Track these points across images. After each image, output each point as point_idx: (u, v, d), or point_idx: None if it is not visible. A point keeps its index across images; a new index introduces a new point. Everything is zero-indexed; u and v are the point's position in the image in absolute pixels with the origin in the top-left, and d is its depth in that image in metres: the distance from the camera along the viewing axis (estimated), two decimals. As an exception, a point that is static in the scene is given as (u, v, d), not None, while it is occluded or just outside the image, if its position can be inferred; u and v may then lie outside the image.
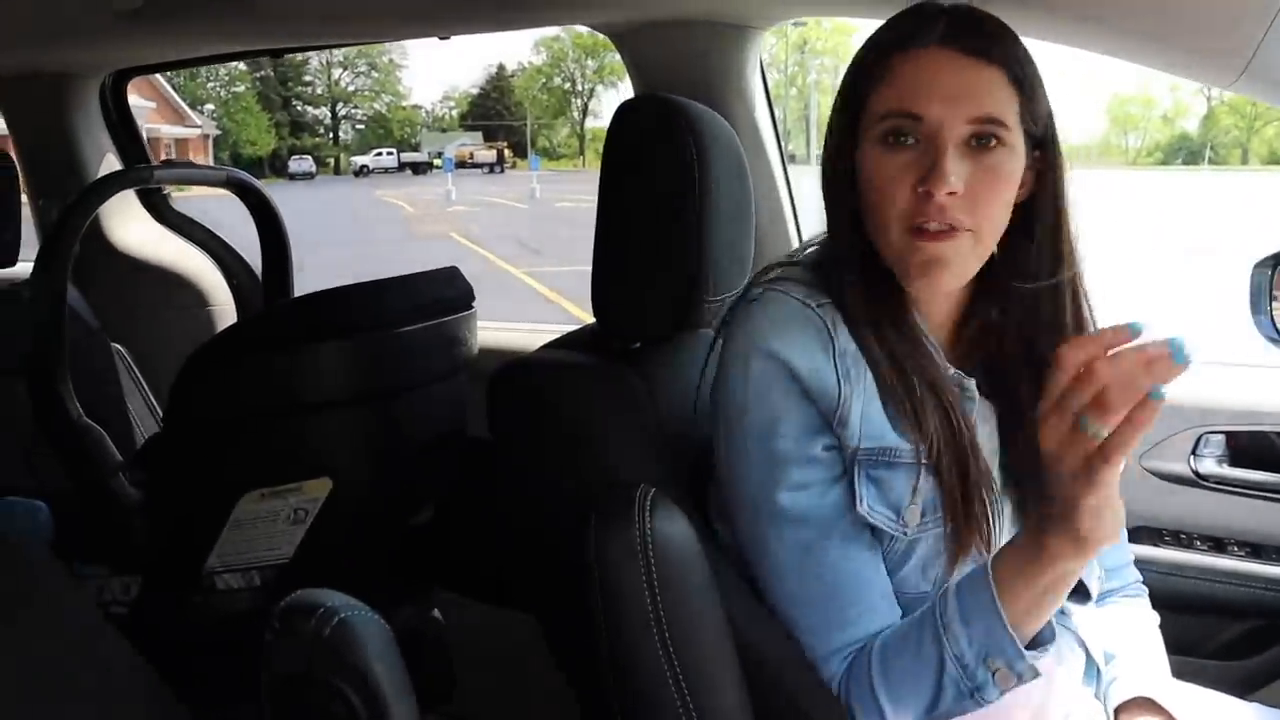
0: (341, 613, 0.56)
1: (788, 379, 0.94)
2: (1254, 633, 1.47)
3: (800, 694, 0.96)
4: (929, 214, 0.90)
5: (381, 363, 1.39)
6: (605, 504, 0.91)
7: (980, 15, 0.94)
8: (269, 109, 45.18)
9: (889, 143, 0.92)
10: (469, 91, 59.13)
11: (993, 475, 0.98)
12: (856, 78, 0.97)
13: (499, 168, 42.64)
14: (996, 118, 0.90)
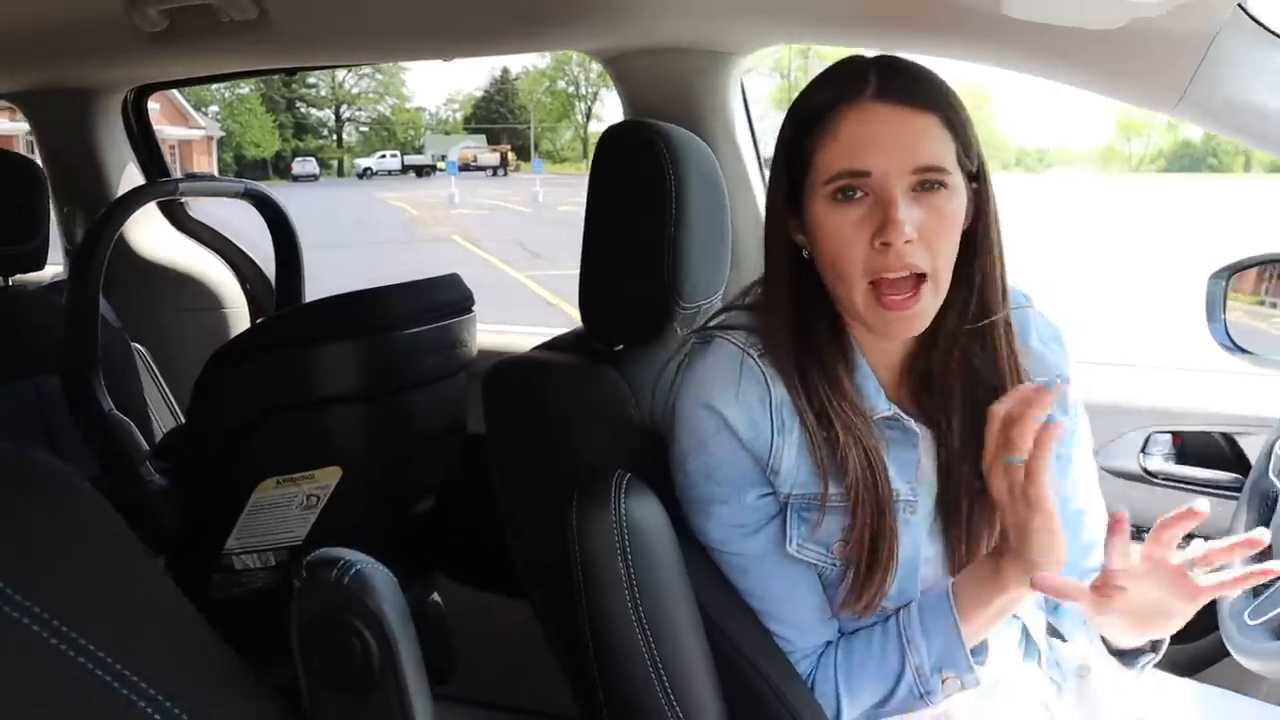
0: (358, 565, 0.67)
1: (725, 431, 1.00)
2: (1197, 618, 1.54)
3: (771, 676, 1.04)
4: (889, 264, 0.94)
5: (389, 361, 1.48)
6: (585, 487, 1.00)
7: (906, 64, 0.98)
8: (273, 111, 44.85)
9: (839, 199, 0.96)
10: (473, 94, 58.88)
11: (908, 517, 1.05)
12: (801, 135, 0.99)
13: (502, 171, 42.48)
14: (937, 164, 0.95)
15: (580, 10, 1.51)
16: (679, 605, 1.02)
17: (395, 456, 1.55)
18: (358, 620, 0.66)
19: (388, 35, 1.71)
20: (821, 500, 1.00)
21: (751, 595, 1.06)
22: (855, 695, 1.05)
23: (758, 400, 1.00)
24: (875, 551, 1.00)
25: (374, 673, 0.66)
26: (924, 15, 1.38)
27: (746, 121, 1.78)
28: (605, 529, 0.98)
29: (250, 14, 1.55)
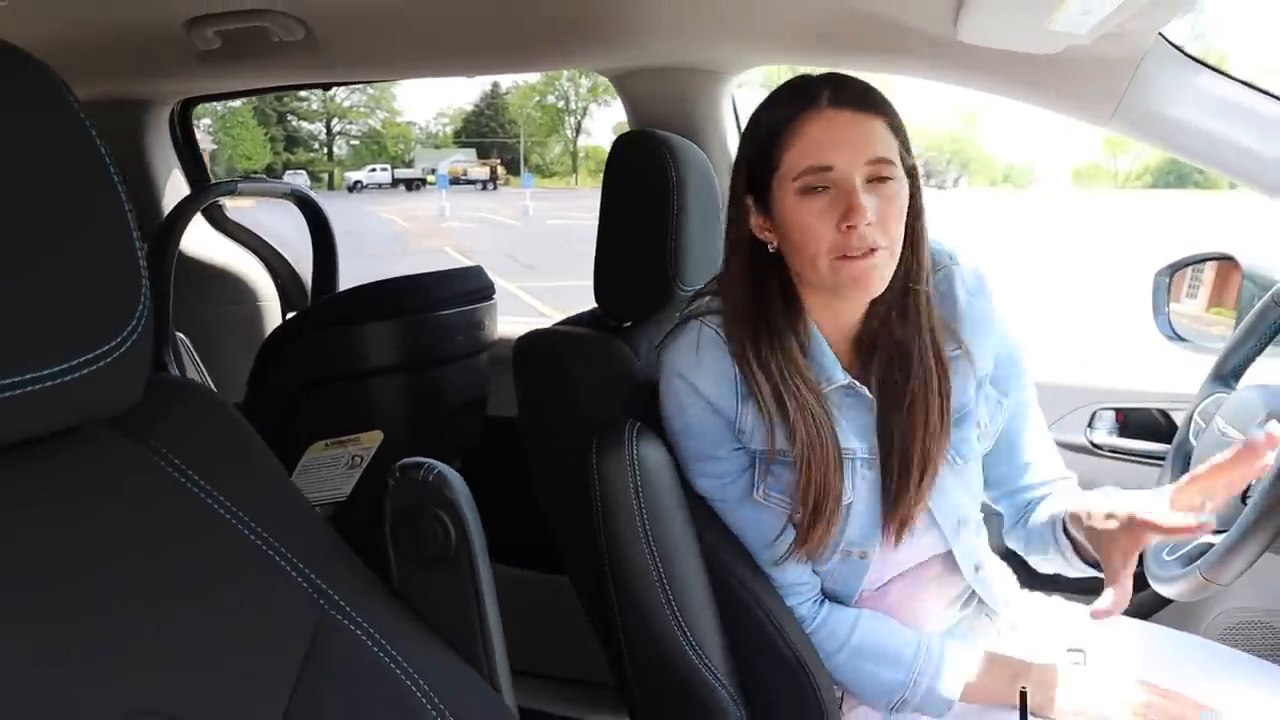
0: (438, 468, 0.87)
1: (696, 396, 1.18)
2: (1139, 575, 1.69)
3: (761, 599, 1.21)
4: (852, 244, 1.08)
5: (424, 339, 1.67)
6: (603, 435, 1.17)
7: (854, 80, 1.12)
8: (264, 124, 44.47)
9: (806, 193, 1.10)
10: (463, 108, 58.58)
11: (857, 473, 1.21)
12: (766, 144, 1.13)
13: (492, 184, 42.34)
14: (887, 158, 1.10)
15: (595, 34, 1.68)
16: (682, 533, 1.19)
17: (428, 423, 1.74)
18: (439, 508, 0.85)
19: (420, 53, 1.86)
20: (769, 456, 1.18)
21: (738, 535, 1.24)
22: (846, 673, 1.23)
23: (723, 372, 1.17)
24: (819, 506, 1.16)
25: (451, 549, 0.85)
26: (889, 40, 1.56)
27: (737, 131, 1.95)
28: (620, 469, 1.16)
29: (298, 35, 1.69)
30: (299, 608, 0.76)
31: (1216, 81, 1.50)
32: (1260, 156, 1.50)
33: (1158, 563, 1.26)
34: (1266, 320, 1.32)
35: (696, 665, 1.18)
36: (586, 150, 59.77)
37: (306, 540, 0.79)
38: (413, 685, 0.79)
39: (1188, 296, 1.66)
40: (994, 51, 1.43)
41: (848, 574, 1.25)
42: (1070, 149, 62.14)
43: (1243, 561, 1.08)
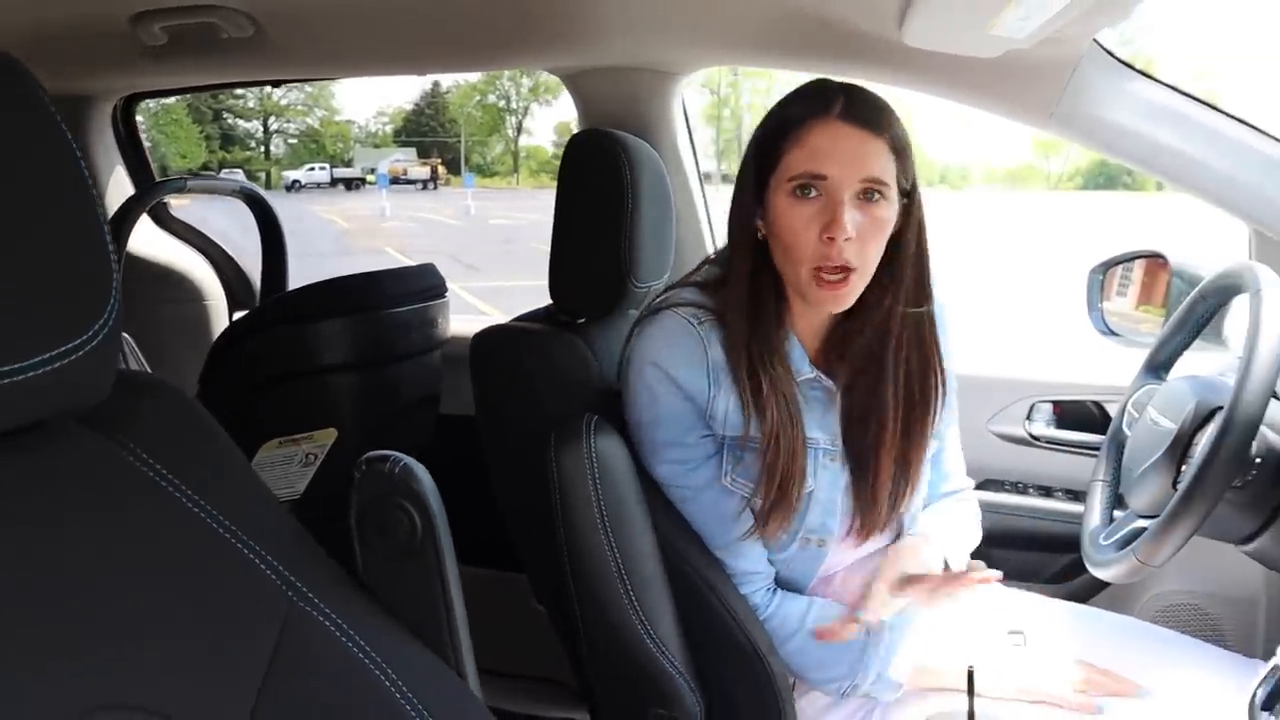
0: (403, 460, 0.88)
1: (669, 383, 1.21)
2: (1077, 561, 1.70)
3: (716, 586, 1.24)
4: (830, 256, 1.13)
5: (379, 336, 1.68)
6: (561, 429, 1.20)
7: (869, 95, 1.17)
8: (199, 122, 43.58)
9: (797, 195, 1.15)
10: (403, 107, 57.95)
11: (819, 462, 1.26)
12: (774, 138, 1.18)
13: (433, 184, 41.96)
14: (881, 179, 1.14)
15: (546, 34, 1.69)
16: (640, 525, 1.22)
17: (382, 420, 1.74)
18: (405, 500, 0.86)
19: (372, 51, 1.86)
20: (748, 442, 1.21)
21: (696, 524, 1.27)
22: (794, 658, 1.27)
23: (696, 359, 1.21)
24: (785, 487, 1.21)
25: (417, 541, 0.87)
26: (837, 42, 1.59)
27: (687, 132, 1.98)
28: (579, 462, 1.18)
29: (247, 31, 1.67)
30: (268, 599, 0.77)
31: (1147, 86, 1.56)
32: (1190, 159, 1.56)
33: (1095, 547, 1.31)
34: (1194, 314, 1.38)
35: (654, 654, 1.20)
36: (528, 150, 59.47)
37: (274, 533, 0.80)
38: (381, 674, 0.80)
39: (1118, 294, 1.72)
40: (937, 55, 1.47)
41: (806, 562, 1.29)
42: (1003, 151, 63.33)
43: (1173, 544, 1.13)
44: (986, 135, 63.67)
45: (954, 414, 1.41)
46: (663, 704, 1.23)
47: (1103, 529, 1.36)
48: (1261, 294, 1.15)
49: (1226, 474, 1.10)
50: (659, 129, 1.90)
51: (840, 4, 1.49)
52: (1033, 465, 1.88)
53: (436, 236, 20.10)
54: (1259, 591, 1.69)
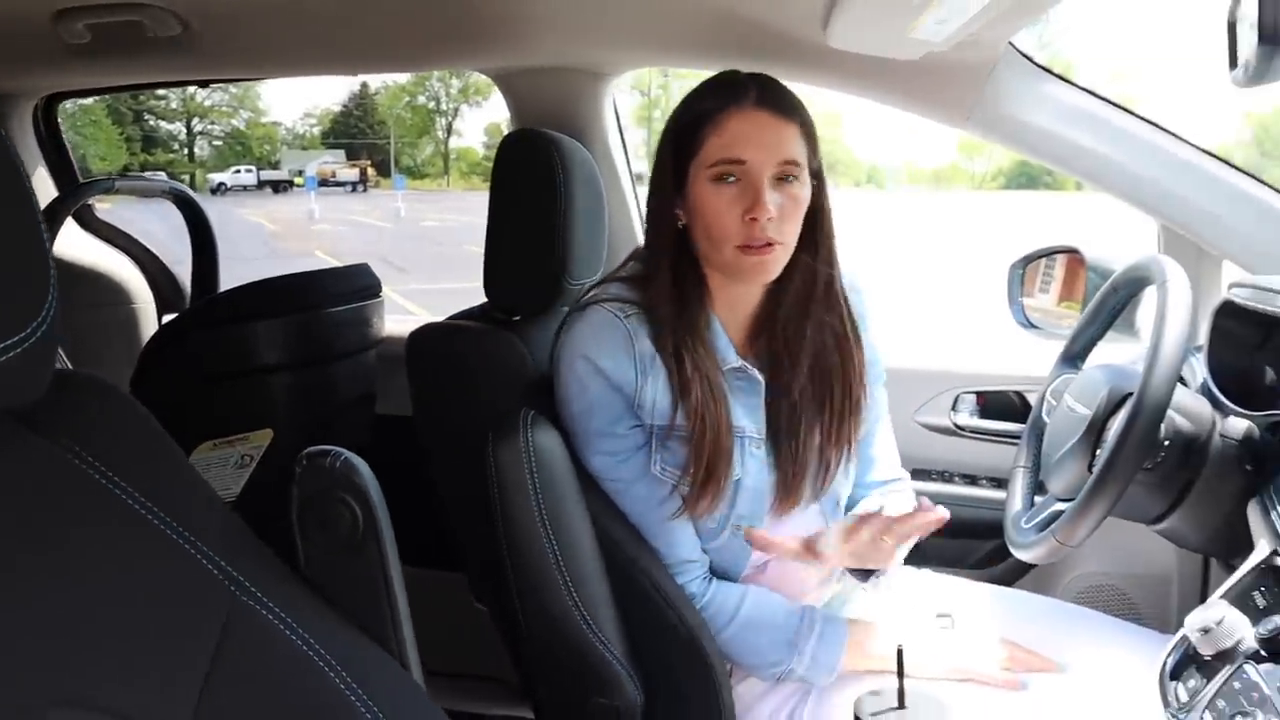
0: (344, 455, 0.89)
1: (599, 375, 1.24)
2: (1002, 546, 1.78)
3: (654, 576, 1.27)
4: (754, 235, 1.19)
5: (315, 336, 1.67)
6: (499, 424, 1.21)
7: (778, 84, 1.23)
8: (119, 123, 42.36)
9: (719, 181, 1.20)
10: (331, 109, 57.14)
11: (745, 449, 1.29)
12: (691, 129, 1.22)
13: (362, 186, 41.46)
14: (796, 160, 1.20)
15: (479, 35, 1.70)
16: (578, 517, 1.24)
17: (318, 420, 1.74)
18: (347, 494, 0.87)
19: (303, 52, 1.85)
20: (676, 431, 1.24)
21: (631, 515, 1.30)
22: (731, 646, 1.29)
23: (623, 351, 1.24)
24: (712, 469, 1.24)
25: (359, 535, 0.88)
26: (764, 44, 1.63)
27: (618, 132, 2.01)
28: (516, 456, 1.20)
29: (174, 30, 1.64)
30: (212, 594, 0.77)
31: (1062, 89, 1.63)
32: (1102, 158, 1.63)
33: (1017, 531, 1.35)
34: (1107, 306, 1.43)
35: (594, 644, 1.22)
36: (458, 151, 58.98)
37: (216, 529, 0.80)
38: (326, 667, 0.81)
39: (1040, 291, 1.78)
40: (860, 57, 1.51)
41: (736, 550, 1.32)
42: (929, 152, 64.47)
43: (1090, 524, 1.17)
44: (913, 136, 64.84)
45: (883, 405, 1.46)
46: (604, 693, 1.25)
47: (1024, 513, 1.41)
48: (1168, 286, 1.21)
49: (1137, 457, 1.15)
50: (590, 129, 1.93)
51: (766, 7, 1.52)
52: (958, 454, 1.93)
53: (367, 239, 19.88)
54: (1171, 570, 1.76)
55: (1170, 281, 1.21)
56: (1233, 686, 0.97)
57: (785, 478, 1.31)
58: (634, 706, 1.26)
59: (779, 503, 1.32)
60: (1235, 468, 1.24)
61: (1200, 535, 1.30)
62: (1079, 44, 65.80)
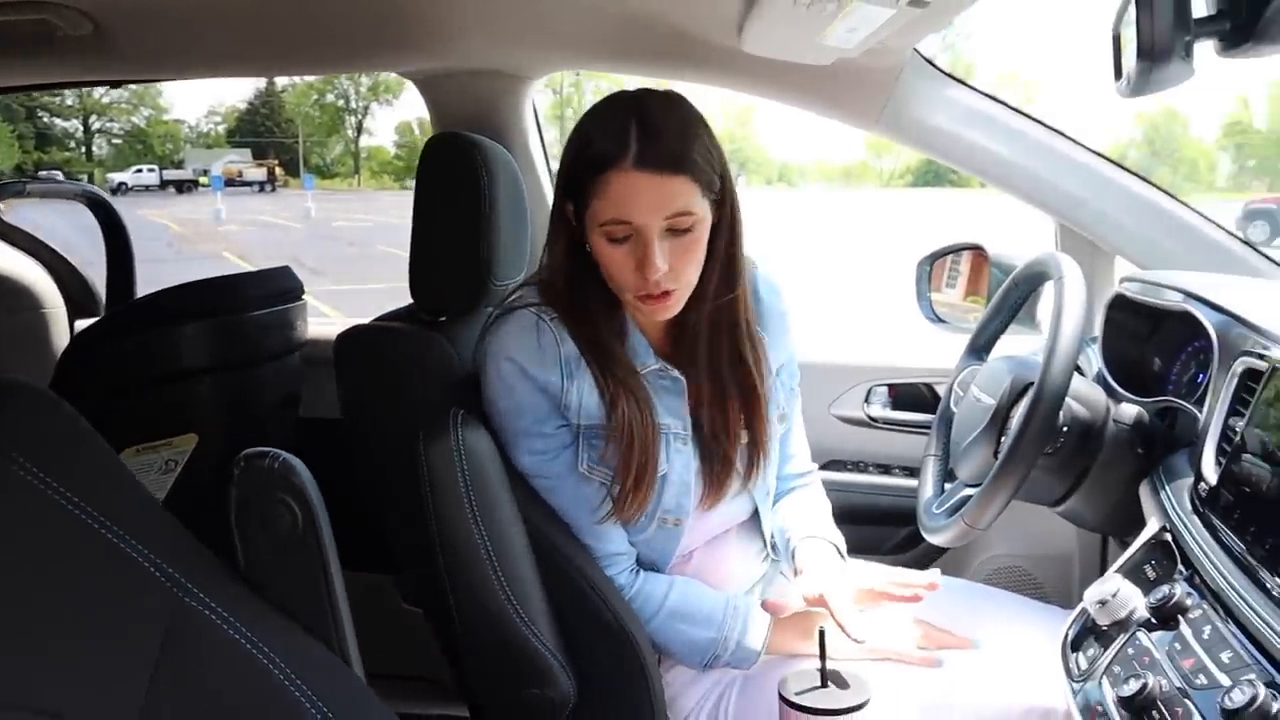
0: (282, 455, 0.90)
1: (524, 377, 1.26)
2: (915, 532, 1.74)
3: (585, 570, 1.30)
4: (648, 288, 1.21)
5: (237, 339, 1.66)
6: (429, 424, 1.23)
7: (662, 128, 1.18)
8: (11, 120, 40.67)
9: (611, 239, 1.21)
10: (236, 106, 55.96)
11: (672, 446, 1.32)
12: (579, 180, 1.21)
13: (270, 186, 40.67)
14: (685, 211, 1.19)
15: (400, 38, 1.71)
16: (509, 513, 1.26)
17: (243, 423, 1.72)
18: (286, 494, 0.89)
19: (219, 52, 1.82)
20: (603, 430, 1.28)
21: (561, 512, 1.33)
22: (660, 633, 1.33)
23: (549, 353, 1.26)
24: (640, 474, 1.28)
25: (299, 533, 0.89)
26: (680, 49, 1.67)
27: (538, 134, 2.03)
28: (447, 455, 1.22)
29: (84, 29, 1.61)
30: (154, 595, 0.78)
31: (964, 93, 1.71)
32: (1002, 159, 1.72)
33: (928, 516, 1.42)
34: (1009, 300, 1.51)
35: (527, 636, 1.25)
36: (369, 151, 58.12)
37: (155, 530, 0.81)
38: (269, 664, 0.82)
39: (948, 286, 1.86)
40: (773, 62, 1.55)
41: (663, 541, 1.36)
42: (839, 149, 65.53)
43: (996, 507, 1.24)
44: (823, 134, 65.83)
45: (798, 400, 1.51)
46: (537, 684, 1.28)
47: (935, 499, 1.47)
48: (1064, 280, 1.28)
49: (1039, 442, 1.22)
50: (511, 131, 1.95)
51: (683, 13, 1.56)
52: (872, 445, 2.00)
53: (277, 240, 19.52)
54: (1072, 550, 1.85)
55: (1066, 277, 1.28)
56: (1127, 653, 1.04)
57: (710, 471, 1.36)
58: (567, 697, 1.29)
59: (707, 496, 1.36)
60: (1128, 451, 1.32)
61: (1098, 515, 1.38)
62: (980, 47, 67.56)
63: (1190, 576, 1.07)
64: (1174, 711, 0.92)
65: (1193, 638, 0.98)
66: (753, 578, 1.46)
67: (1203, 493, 1.11)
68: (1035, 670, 1.24)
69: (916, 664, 1.31)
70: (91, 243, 2.23)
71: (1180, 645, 0.99)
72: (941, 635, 1.35)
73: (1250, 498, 1.00)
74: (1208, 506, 1.09)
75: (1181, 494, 1.16)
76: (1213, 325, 1.24)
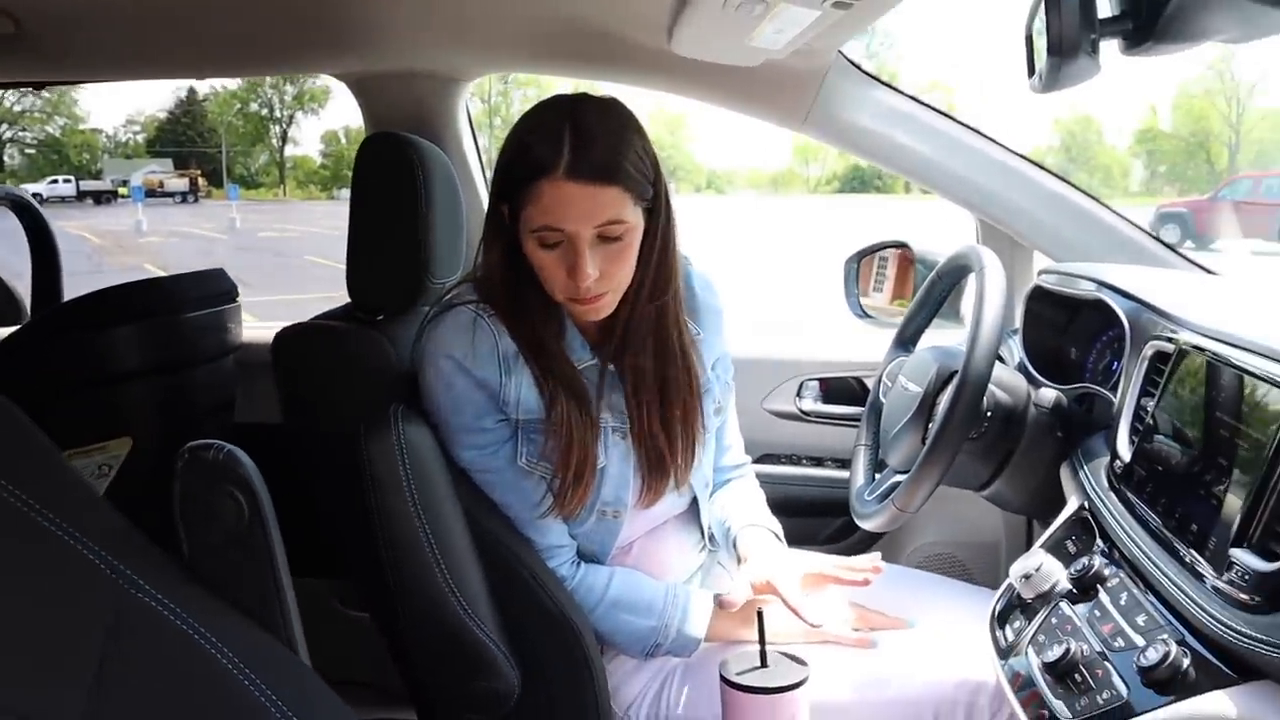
0: (226, 447, 0.91)
1: (463, 374, 1.27)
2: (848, 524, 1.90)
3: (527, 561, 1.31)
4: (580, 293, 1.23)
5: (172, 342, 1.65)
6: (371, 420, 1.24)
7: (593, 138, 1.19)
8: (-85, 130, 39.72)
9: (544, 244, 1.22)
10: (156, 115, 54.81)
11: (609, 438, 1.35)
12: (513, 186, 1.22)
13: (193, 196, 39.90)
14: (616, 219, 1.21)
15: (333, 39, 1.71)
16: (451, 507, 1.28)
17: (178, 428, 1.71)
18: (231, 485, 0.89)
19: (146, 54, 1.80)
20: (541, 425, 1.30)
21: (502, 507, 1.34)
22: (603, 622, 1.35)
23: (487, 350, 1.27)
24: (578, 470, 1.30)
25: (245, 525, 0.90)
26: (611, 51, 1.70)
27: (471, 135, 2.05)
28: (389, 450, 1.23)
29: (6, 28, 1.58)
30: (100, 588, 0.78)
31: (887, 94, 1.76)
32: (924, 158, 1.78)
33: (860, 503, 1.46)
34: (934, 293, 1.56)
35: (472, 629, 1.26)
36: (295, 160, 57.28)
37: (100, 524, 0.81)
38: (217, 653, 0.82)
39: (875, 286, 1.91)
40: (703, 64, 1.58)
41: (603, 533, 1.38)
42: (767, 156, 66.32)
43: (925, 491, 1.28)
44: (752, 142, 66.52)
45: (732, 393, 1.55)
46: (482, 676, 1.29)
47: (867, 486, 1.51)
48: (985, 273, 1.33)
49: (964, 426, 1.26)
50: (445, 132, 1.96)
51: (614, 16, 1.59)
52: (804, 438, 2.05)
53: (201, 251, 19.15)
54: (999, 535, 1.92)
55: (987, 268, 1.33)
56: (1050, 622, 1.09)
57: (648, 465, 1.38)
58: (512, 688, 1.30)
59: (646, 491, 1.39)
60: (1048, 435, 1.38)
61: (1021, 497, 1.43)
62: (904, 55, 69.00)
63: (1108, 549, 1.13)
64: (1094, 673, 0.97)
65: (1111, 605, 1.04)
66: (691, 568, 1.49)
67: (1118, 470, 1.16)
68: (965, 646, 1.29)
69: (852, 645, 1.36)
70: (13, 248, 2.17)
71: (1099, 612, 1.04)
72: (875, 617, 1.40)
73: (1162, 474, 1.06)
74: (1123, 483, 1.14)
75: (1099, 473, 1.22)
76: (1124, 312, 1.30)
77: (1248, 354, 0.96)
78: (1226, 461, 0.93)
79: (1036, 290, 1.59)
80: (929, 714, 1.28)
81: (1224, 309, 1.19)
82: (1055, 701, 1.00)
